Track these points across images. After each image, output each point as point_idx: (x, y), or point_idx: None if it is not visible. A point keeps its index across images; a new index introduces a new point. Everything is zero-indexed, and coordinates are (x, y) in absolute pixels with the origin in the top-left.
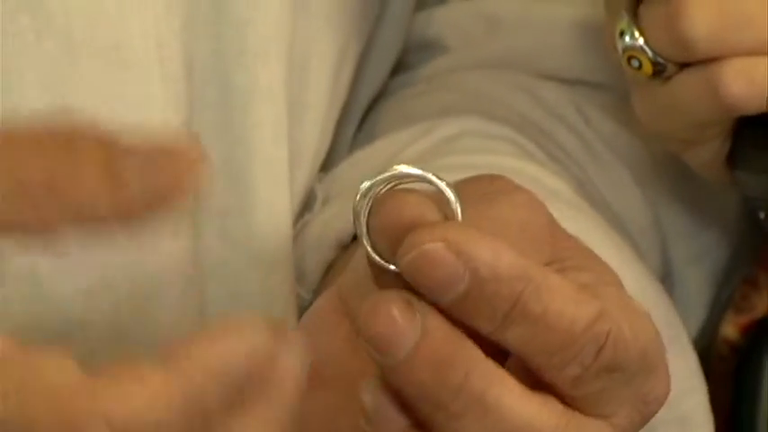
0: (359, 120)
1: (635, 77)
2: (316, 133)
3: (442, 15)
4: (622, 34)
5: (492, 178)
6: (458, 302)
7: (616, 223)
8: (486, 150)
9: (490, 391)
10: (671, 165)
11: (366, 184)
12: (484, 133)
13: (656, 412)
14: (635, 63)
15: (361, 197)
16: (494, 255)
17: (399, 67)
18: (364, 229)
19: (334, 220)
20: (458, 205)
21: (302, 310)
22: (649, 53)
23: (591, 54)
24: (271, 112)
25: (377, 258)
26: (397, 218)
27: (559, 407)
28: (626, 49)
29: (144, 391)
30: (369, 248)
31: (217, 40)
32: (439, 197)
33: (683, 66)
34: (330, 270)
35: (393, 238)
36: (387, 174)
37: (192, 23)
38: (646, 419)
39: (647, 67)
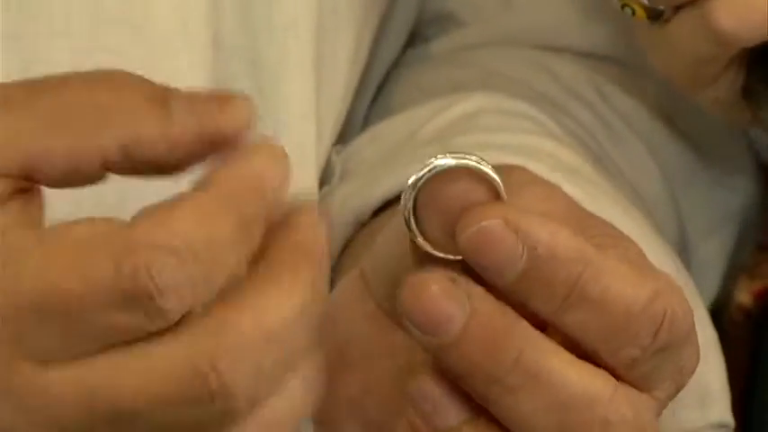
0: (374, 91)
1: (634, 23)
2: (337, 105)
3: None
4: None
5: (510, 169)
6: (515, 283)
7: (634, 197)
8: (503, 128)
9: (545, 364)
10: (687, 140)
11: (412, 179)
12: (502, 110)
13: (687, 382)
14: (628, 11)
15: (408, 190)
16: (552, 235)
17: (414, 39)
18: (412, 221)
19: (351, 198)
20: (502, 188)
21: None
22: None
23: (604, 26)
24: (301, 85)
25: (428, 247)
26: (446, 204)
27: (611, 378)
28: None
29: (193, 209)
30: (419, 238)
31: (244, 14)
32: (484, 180)
33: (679, 7)
34: (348, 247)
35: (444, 223)
36: (429, 166)
37: None
38: (679, 390)
39: (641, 13)
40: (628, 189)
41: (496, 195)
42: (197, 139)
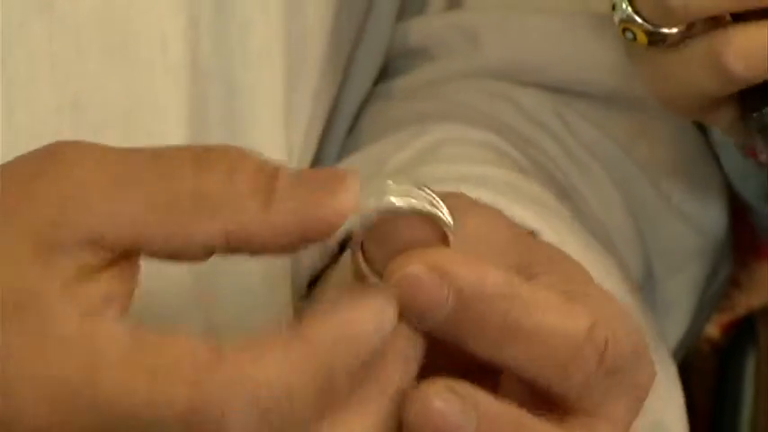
0: (348, 123)
1: (634, 48)
2: (302, 134)
3: (421, 26)
4: (615, 8)
5: (449, 196)
6: (446, 325)
7: (599, 230)
8: (465, 159)
9: None
10: (653, 173)
11: (359, 216)
12: (466, 140)
13: (647, 395)
14: (629, 35)
15: (356, 220)
16: (478, 276)
17: (384, 74)
18: (359, 253)
19: None
20: (451, 225)
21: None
22: (639, 22)
23: (569, 62)
24: (271, 112)
25: (372, 277)
26: (392, 241)
27: None
28: (620, 21)
29: (280, 357)
30: (363, 266)
31: (220, 39)
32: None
33: (685, 36)
34: (317, 283)
35: (388, 257)
36: (383, 206)
37: (195, 23)
38: (641, 404)
39: (642, 38)
40: (593, 221)
41: (444, 238)
42: (299, 226)
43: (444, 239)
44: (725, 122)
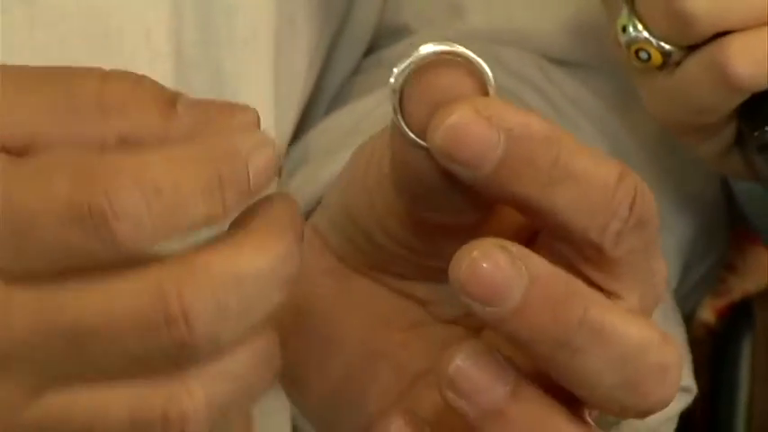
0: (329, 99)
1: (643, 69)
2: (291, 115)
3: (409, 3)
4: (625, 29)
5: None
6: (497, 171)
7: None
8: None
9: (607, 320)
10: (639, 131)
11: (400, 66)
12: None
13: (662, 296)
14: (643, 55)
15: (396, 76)
16: (525, 118)
17: (371, 51)
18: (397, 107)
19: (299, 189)
20: (490, 74)
21: None
22: (654, 42)
23: (554, 31)
24: (259, 97)
25: (411, 135)
26: (432, 95)
27: (656, 325)
28: (631, 42)
29: (167, 154)
30: (403, 125)
31: (205, 27)
32: (471, 70)
33: (689, 51)
34: None
35: (429, 115)
36: (417, 54)
37: (179, 11)
38: (656, 302)
39: (657, 57)
40: None
41: (484, 89)
42: (197, 133)
43: (484, 92)
44: (724, 145)
